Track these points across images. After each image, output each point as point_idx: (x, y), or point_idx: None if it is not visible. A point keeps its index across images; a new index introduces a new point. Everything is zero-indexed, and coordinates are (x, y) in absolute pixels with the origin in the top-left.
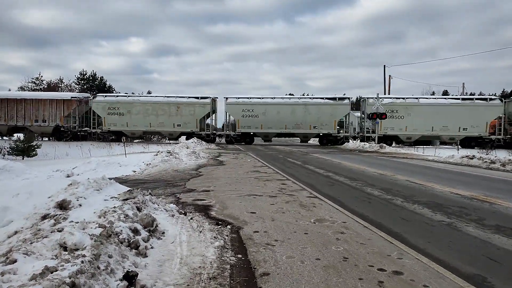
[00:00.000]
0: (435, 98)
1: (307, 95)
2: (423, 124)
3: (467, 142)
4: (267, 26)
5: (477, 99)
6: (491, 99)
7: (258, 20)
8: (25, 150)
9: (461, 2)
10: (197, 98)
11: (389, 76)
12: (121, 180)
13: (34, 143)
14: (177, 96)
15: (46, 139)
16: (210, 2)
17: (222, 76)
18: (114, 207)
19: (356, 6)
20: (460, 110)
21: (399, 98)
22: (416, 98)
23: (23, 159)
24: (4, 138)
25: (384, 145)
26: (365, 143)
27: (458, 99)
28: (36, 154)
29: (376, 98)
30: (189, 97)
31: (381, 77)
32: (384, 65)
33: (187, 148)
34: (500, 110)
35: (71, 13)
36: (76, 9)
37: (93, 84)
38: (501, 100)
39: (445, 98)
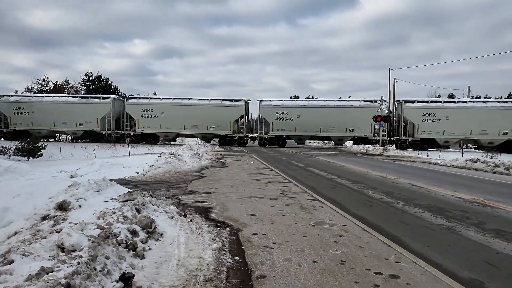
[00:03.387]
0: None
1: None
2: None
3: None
4: (270, 28)
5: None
6: None
7: (261, 22)
8: (30, 151)
9: (464, 5)
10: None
11: (394, 79)
12: (124, 182)
13: (39, 144)
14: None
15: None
16: (213, 4)
17: (227, 78)
18: (114, 208)
19: (359, 9)
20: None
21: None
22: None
23: (28, 159)
24: (11, 139)
25: (388, 147)
26: (369, 146)
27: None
28: (41, 155)
29: (382, 101)
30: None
31: (385, 79)
32: (389, 68)
33: (190, 149)
34: None
35: (74, 14)
36: (79, 10)
37: (99, 85)
38: None
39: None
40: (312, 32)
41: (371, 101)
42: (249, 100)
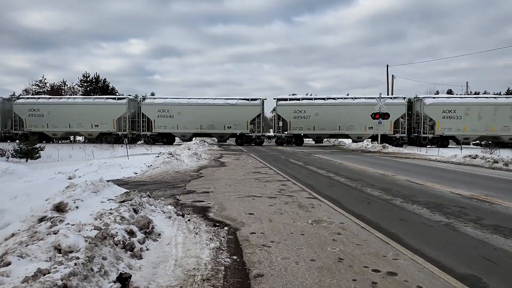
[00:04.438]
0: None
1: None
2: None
3: (372, 140)
4: (266, 26)
5: (388, 98)
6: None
7: (257, 20)
8: (28, 153)
9: (461, 0)
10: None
11: (392, 76)
12: (122, 182)
13: (37, 145)
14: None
15: None
16: (208, 2)
17: (224, 77)
18: (111, 209)
19: (355, 5)
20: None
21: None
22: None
23: (26, 161)
24: (8, 140)
25: (387, 145)
26: (368, 143)
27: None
28: (39, 156)
29: (380, 98)
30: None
31: (383, 76)
32: (387, 65)
33: (188, 149)
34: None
35: (70, 14)
36: (75, 10)
37: (97, 86)
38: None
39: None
40: (308, 29)
41: (247, 99)
42: (135, 98)
